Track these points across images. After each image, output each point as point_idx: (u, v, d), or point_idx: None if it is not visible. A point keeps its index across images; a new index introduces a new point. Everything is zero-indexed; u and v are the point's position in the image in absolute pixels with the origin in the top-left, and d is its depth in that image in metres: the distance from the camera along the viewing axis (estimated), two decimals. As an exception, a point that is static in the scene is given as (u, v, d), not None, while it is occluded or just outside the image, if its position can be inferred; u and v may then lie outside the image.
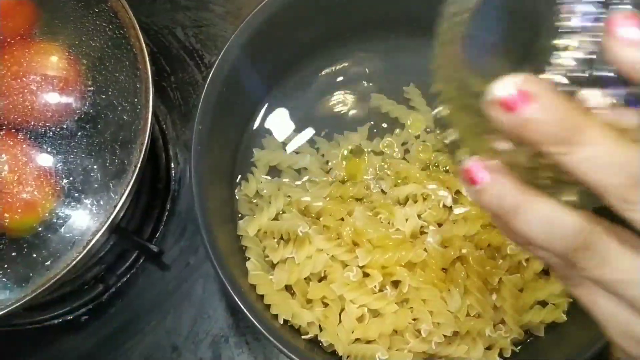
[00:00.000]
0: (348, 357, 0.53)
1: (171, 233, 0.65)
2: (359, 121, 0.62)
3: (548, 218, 0.26)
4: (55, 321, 0.62)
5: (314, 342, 0.54)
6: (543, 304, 0.55)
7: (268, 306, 0.54)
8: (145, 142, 0.51)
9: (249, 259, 0.56)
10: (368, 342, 0.54)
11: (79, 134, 0.51)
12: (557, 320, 0.54)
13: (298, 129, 0.62)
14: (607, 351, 0.51)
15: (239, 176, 0.61)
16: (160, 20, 0.71)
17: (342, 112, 0.63)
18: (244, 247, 0.58)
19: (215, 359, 0.61)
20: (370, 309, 0.54)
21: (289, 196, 0.58)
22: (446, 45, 0.31)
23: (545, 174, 0.27)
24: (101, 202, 0.50)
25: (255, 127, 0.62)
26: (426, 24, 0.62)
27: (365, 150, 0.60)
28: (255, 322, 0.49)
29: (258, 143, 0.62)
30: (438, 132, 0.60)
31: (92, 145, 0.51)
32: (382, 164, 0.59)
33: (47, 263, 0.48)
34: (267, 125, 0.62)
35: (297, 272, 0.54)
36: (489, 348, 0.54)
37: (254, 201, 0.59)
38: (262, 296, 0.54)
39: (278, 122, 0.62)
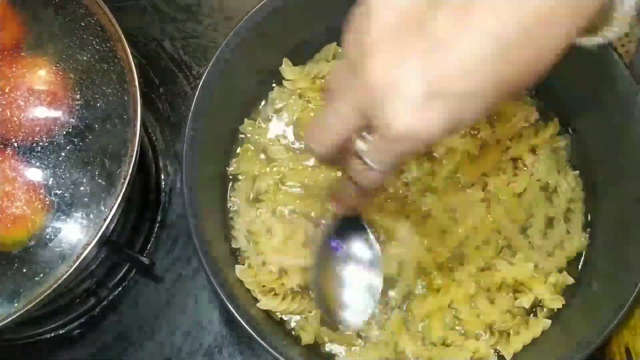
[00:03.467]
0: None
1: (162, 245, 0.64)
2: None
3: None
4: (48, 335, 0.62)
5: (313, 350, 0.55)
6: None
7: (263, 314, 0.54)
8: (135, 154, 0.51)
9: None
10: None
11: (68, 147, 0.51)
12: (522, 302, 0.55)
13: (289, 136, 0.62)
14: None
15: (230, 184, 0.61)
16: (149, 32, 0.71)
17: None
18: (237, 253, 0.58)
19: (210, 370, 0.61)
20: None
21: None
22: None
23: None
24: (91, 216, 0.50)
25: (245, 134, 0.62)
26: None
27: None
28: (251, 332, 0.49)
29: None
30: None
31: (81, 159, 0.51)
32: None
33: (37, 278, 0.48)
34: (257, 132, 0.62)
35: None
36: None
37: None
38: (255, 302, 0.55)
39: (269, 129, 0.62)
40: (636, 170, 0.54)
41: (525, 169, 0.58)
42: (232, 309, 0.49)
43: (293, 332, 0.56)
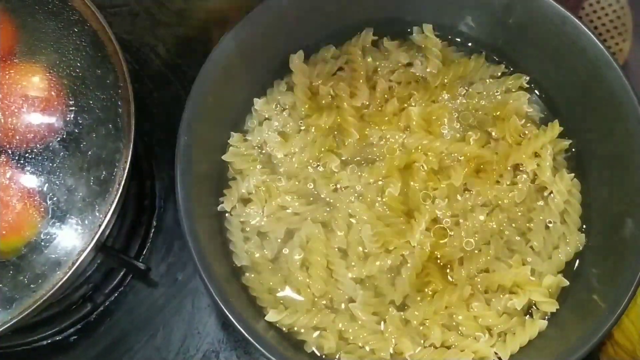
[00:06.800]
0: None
1: (158, 250, 0.64)
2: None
3: None
4: (44, 342, 0.62)
5: (310, 355, 0.55)
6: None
7: (259, 318, 0.54)
8: (129, 159, 0.51)
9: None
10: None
11: (62, 153, 0.51)
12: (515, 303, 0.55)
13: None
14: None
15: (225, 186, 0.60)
16: (142, 37, 0.71)
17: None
18: (231, 252, 0.58)
19: (207, 374, 0.61)
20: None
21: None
22: None
23: None
24: (86, 222, 0.50)
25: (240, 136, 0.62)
26: (403, 26, 0.63)
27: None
28: (247, 336, 0.49)
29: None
30: None
31: (76, 165, 0.51)
32: None
33: (33, 284, 0.48)
34: (252, 135, 0.62)
35: None
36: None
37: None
38: (253, 303, 0.55)
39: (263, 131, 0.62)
40: (630, 170, 0.54)
41: (525, 176, 0.58)
42: (227, 313, 0.49)
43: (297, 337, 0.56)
